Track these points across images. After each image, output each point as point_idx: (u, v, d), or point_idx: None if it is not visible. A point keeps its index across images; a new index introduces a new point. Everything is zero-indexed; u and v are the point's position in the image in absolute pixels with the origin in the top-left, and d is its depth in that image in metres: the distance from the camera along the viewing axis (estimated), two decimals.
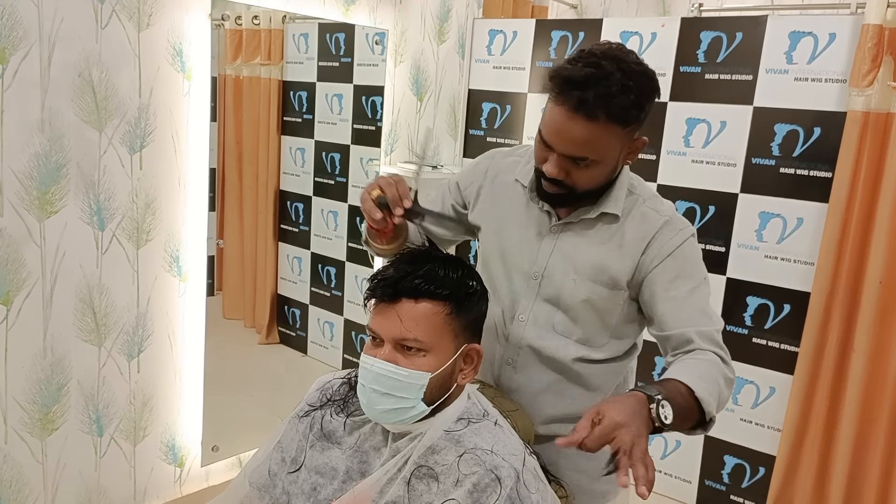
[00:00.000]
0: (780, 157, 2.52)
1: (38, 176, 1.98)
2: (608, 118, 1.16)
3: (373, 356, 1.13)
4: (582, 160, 1.22)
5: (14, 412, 2.05)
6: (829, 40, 2.41)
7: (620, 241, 1.33)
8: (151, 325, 2.31)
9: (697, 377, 1.15)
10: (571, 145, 1.20)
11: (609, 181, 1.31)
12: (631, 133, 1.23)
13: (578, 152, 1.21)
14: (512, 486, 1.07)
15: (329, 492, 1.16)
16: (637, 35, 2.77)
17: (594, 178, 1.26)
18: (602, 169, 1.25)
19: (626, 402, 1.06)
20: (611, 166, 1.26)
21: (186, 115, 2.27)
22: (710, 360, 1.21)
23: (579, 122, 1.17)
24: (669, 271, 1.30)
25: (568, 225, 1.37)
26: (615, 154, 1.25)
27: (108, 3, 2.04)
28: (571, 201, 1.32)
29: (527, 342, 1.40)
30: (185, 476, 2.52)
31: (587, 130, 1.17)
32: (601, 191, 1.32)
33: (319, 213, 3.03)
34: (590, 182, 1.26)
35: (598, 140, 1.19)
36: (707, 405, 1.12)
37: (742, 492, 2.72)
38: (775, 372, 2.59)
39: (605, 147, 1.21)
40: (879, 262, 2.33)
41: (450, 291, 1.14)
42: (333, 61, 2.94)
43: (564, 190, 1.27)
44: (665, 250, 1.30)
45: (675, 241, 1.31)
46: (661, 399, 1.07)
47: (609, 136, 1.19)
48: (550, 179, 1.26)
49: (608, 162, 1.24)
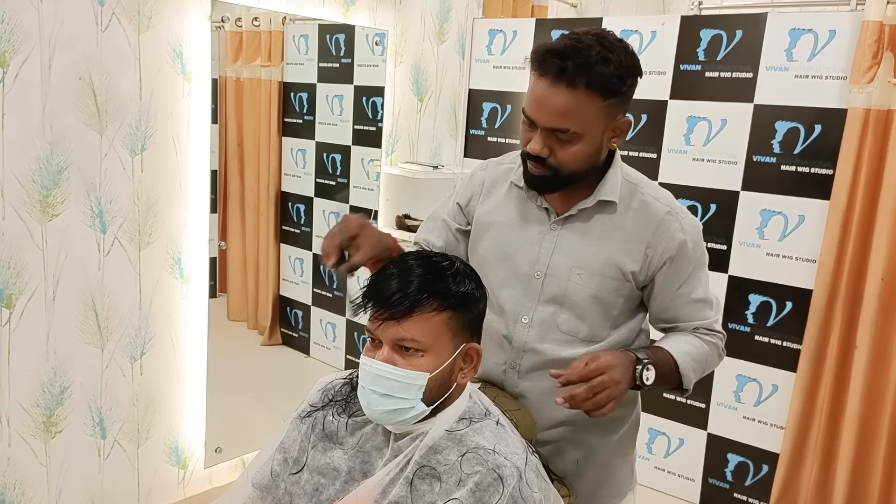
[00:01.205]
0: (781, 155, 2.52)
1: (40, 179, 1.98)
2: (588, 86, 1.18)
3: (371, 357, 1.13)
4: (563, 132, 1.22)
5: (17, 415, 2.05)
6: (829, 37, 2.40)
7: (623, 232, 1.33)
8: (154, 327, 2.31)
9: (688, 355, 1.34)
10: (553, 116, 1.21)
11: (594, 165, 1.31)
12: (613, 109, 1.24)
13: (560, 123, 1.22)
14: (514, 484, 1.07)
15: (331, 492, 1.16)
16: (637, 33, 2.77)
17: (578, 155, 1.25)
18: (585, 145, 1.25)
19: (618, 355, 1.25)
20: (594, 144, 1.26)
21: (187, 117, 2.27)
22: (706, 341, 1.39)
23: (560, 90, 1.19)
24: (677, 270, 1.35)
25: (567, 220, 1.36)
26: (597, 130, 1.25)
27: (108, 6, 2.04)
28: (559, 185, 1.31)
29: (530, 346, 1.39)
30: (188, 478, 2.52)
31: (568, 99, 1.19)
32: (587, 175, 1.31)
33: (321, 214, 3.04)
34: (574, 160, 1.26)
35: (580, 110, 1.20)
36: (687, 381, 1.33)
37: (745, 490, 2.72)
38: (778, 370, 2.59)
39: (586, 119, 1.22)
40: (881, 259, 2.32)
41: (447, 292, 1.14)
42: (334, 62, 2.95)
43: (550, 171, 1.27)
44: (672, 245, 1.32)
45: (680, 237, 1.33)
46: (647, 363, 1.27)
47: (590, 107, 1.21)
48: (535, 159, 1.27)
49: (591, 137, 1.24)
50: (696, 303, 1.38)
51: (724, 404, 2.72)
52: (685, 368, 1.32)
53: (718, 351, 1.40)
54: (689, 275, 1.36)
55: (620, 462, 1.50)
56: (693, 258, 1.35)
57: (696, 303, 1.38)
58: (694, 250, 1.35)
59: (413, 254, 1.21)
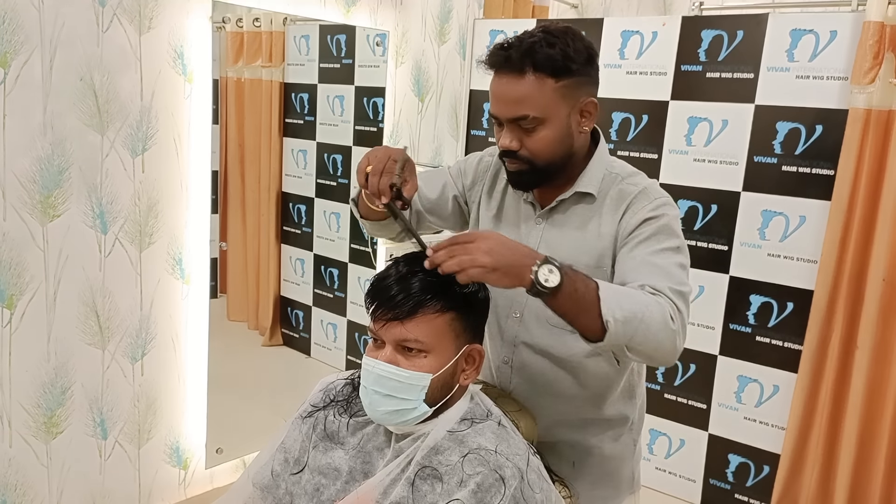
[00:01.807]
0: (782, 155, 2.52)
1: (41, 180, 1.98)
2: (535, 69, 1.21)
3: (374, 358, 1.13)
4: (524, 119, 1.24)
5: (18, 416, 2.05)
6: (830, 38, 2.40)
7: (599, 220, 1.33)
8: (155, 327, 2.31)
9: (615, 290, 1.13)
10: (510, 106, 1.24)
11: (569, 152, 1.31)
12: (570, 90, 1.25)
13: (518, 111, 1.24)
14: (516, 485, 1.07)
15: (332, 492, 1.16)
16: (638, 34, 2.77)
17: (546, 141, 1.26)
18: (551, 130, 1.26)
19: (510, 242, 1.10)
20: (560, 128, 1.27)
21: (188, 117, 2.27)
22: (646, 294, 1.16)
23: (511, 79, 1.23)
24: (638, 236, 1.27)
25: (550, 213, 1.37)
26: (559, 113, 1.25)
27: (109, 7, 2.04)
28: (538, 177, 1.32)
29: (521, 339, 1.40)
30: (189, 478, 2.52)
31: (519, 86, 1.22)
32: (565, 165, 1.32)
33: (322, 215, 3.04)
34: (544, 147, 1.27)
35: (533, 94, 1.22)
36: (608, 311, 1.08)
37: (747, 490, 2.72)
38: (779, 370, 2.59)
39: (542, 102, 1.23)
40: (882, 259, 2.32)
41: (451, 293, 1.14)
42: (335, 63, 2.95)
43: (525, 164, 1.29)
44: (638, 218, 1.28)
45: (648, 208, 1.28)
46: (553, 264, 1.07)
47: (543, 90, 1.22)
48: (508, 155, 1.29)
49: (555, 121, 1.25)
50: (650, 266, 1.22)
51: (725, 405, 2.72)
52: (607, 297, 1.09)
53: (663, 312, 1.13)
54: (649, 238, 1.26)
55: (619, 465, 1.49)
56: (658, 227, 1.26)
57: (650, 266, 1.22)
58: (661, 222, 1.27)
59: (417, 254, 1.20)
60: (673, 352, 1.14)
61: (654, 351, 1.13)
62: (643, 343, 1.11)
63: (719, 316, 2.68)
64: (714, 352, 2.71)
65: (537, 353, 1.40)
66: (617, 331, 1.08)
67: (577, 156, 1.33)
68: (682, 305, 1.17)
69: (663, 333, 1.12)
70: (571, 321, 1.12)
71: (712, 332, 2.70)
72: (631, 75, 2.80)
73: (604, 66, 2.82)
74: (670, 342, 1.13)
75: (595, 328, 1.09)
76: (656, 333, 1.11)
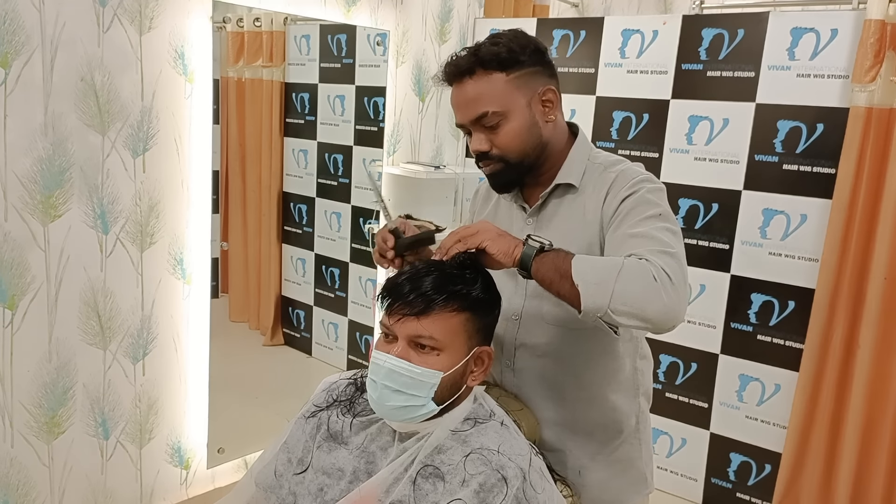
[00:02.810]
0: (783, 154, 2.52)
1: (42, 180, 1.98)
2: (483, 66, 1.27)
3: (386, 352, 1.14)
4: (485, 117, 1.28)
5: (20, 416, 2.05)
6: (831, 36, 2.40)
7: (584, 209, 1.33)
8: (156, 327, 2.31)
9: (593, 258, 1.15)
10: (468, 108, 1.30)
11: (539, 143, 1.32)
12: (523, 80, 1.28)
13: (477, 110, 1.28)
14: (518, 485, 1.07)
15: (336, 492, 1.16)
16: (639, 33, 2.77)
17: (512, 134, 1.29)
18: (515, 122, 1.29)
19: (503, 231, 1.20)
20: (524, 119, 1.30)
21: (189, 117, 2.27)
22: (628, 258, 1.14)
23: (463, 83, 1.30)
24: (619, 215, 1.26)
25: (538, 211, 1.39)
26: (518, 104, 1.29)
27: (110, 7, 2.04)
28: (515, 175, 1.35)
29: (521, 341, 1.41)
30: (191, 478, 2.52)
31: (471, 87, 1.29)
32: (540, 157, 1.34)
33: (323, 215, 3.04)
34: (512, 141, 1.30)
35: (486, 91, 1.28)
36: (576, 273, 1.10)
37: (748, 489, 2.72)
38: (780, 369, 2.59)
39: (496, 96, 1.27)
40: (884, 258, 2.32)
41: (467, 293, 1.14)
42: (335, 62, 2.95)
43: (500, 163, 1.32)
44: (617, 199, 1.27)
45: (625, 187, 1.28)
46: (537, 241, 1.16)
47: (494, 84, 1.27)
48: (482, 158, 1.33)
49: (516, 113, 1.29)
50: (633, 238, 1.20)
51: (726, 404, 2.72)
52: (579, 264, 1.11)
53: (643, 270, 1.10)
54: (630, 213, 1.25)
55: (626, 467, 1.47)
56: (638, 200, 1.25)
57: (633, 238, 1.20)
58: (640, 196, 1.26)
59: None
60: (664, 309, 1.08)
61: (642, 311, 1.08)
62: (628, 304, 1.07)
63: (720, 315, 2.68)
64: (715, 350, 2.71)
65: (538, 356, 1.40)
66: (591, 293, 1.08)
67: (552, 148, 1.35)
68: (668, 261, 1.12)
69: (647, 291, 1.08)
70: (556, 289, 1.14)
71: (714, 331, 2.70)
72: (632, 74, 2.80)
73: (604, 65, 2.86)
74: (657, 299, 1.08)
75: (574, 294, 1.10)
76: (639, 292, 1.08)
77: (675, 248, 1.16)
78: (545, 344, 1.38)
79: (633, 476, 1.48)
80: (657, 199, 1.25)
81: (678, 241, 1.19)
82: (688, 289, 1.16)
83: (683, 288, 1.12)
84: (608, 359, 1.40)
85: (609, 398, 1.42)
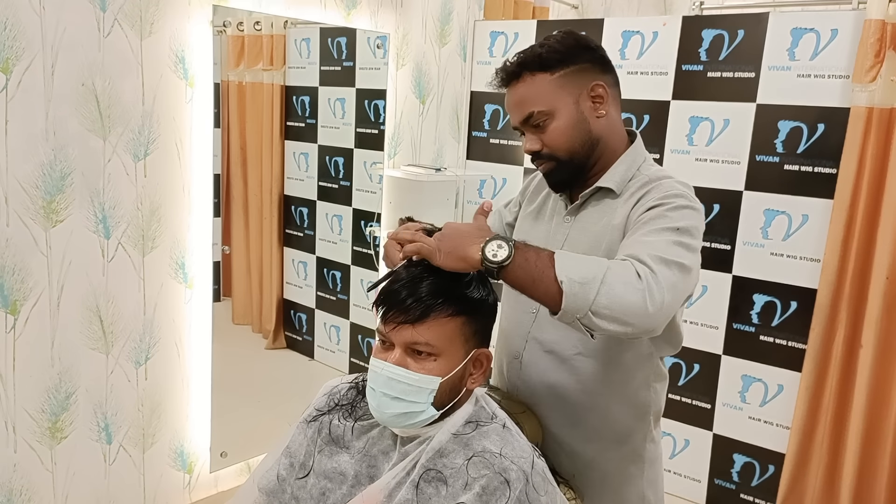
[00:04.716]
0: (784, 154, 2.52)
1: (43, 185, 1.99)
2: (530, 69, 1.31)
3: (383, 360, 1.13)
4: (532, 117, 1.31)
5: (23, 421, 2.05)
6: (831, 36, 2.40)
7: (614, 214, 1.34)
8: (158, 332, 2.32)
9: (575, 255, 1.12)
10: (519, 109, 1.33)
11: (589, 140, 1.33)
12: (570, 78, 1.31)
13: (524, 111, 1.32)
14: (521, 488, 1.07)
15: (338, 496, 1.16)
16: (639, 34, 2.77)
17: (560, 132, 1.32)
18: (563, 120, 1.31)
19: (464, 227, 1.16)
20: (571, 116, 1.31)
21: (190, 121, 2.28)
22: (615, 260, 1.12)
23: (513, 88, 1.34)
24: (640, 221, 1.25)
25: (577, 210, 1.40)
26: (566, 102, 1.31)
27: (111, 12, 2.05)
28: (568, 173, 1.37)
29: (533, 335, 1.41)
30: (194, 482, 2.52)
31: (521, 90, 1.33)
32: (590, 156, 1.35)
33: (324, 218, 3.04)
34: (560, 138, 1.32)
35: (533, 92, 1.31)
36: (560, 269, 1.07)
37: (752, 490, 2.71)
38: (783, 369, 2.59)
39: (543, 96, 1.30)
40: (886, 257, 2.32)
41: (462, 297, 1.14)
42: (335, 65, 2.95)
43: (552, 161, 1.35)
44: (645, 206, 1.26)
45: (656, 198, 1.27)
46: (503, 240, 1.10)
47: (541, 84, 1.31)
48: (535, 157, 1.36)
49: (563, 111, 1.31)
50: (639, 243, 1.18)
51: (729, 405, 2.72)
52: (562, 261, 1.09)
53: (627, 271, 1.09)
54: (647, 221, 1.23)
55: (622, 484, 1.45)
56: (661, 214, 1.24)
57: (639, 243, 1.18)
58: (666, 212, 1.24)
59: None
60: (645, 314, 1.05)
61: (623, 314, 1.05)
62: (609, 306, 1.05)
63: (723, 315, 2.68)
64: (718, 351, 2.71)
65: (545, 351, 1.40)
66: (574, 292, 1.05)
67: (605, 146, 1.35)
68: (658, 266, 1.09)
69: (629, 293, 1.05)
70: (530, 292, 1.11)
71: (716, 332, 2.70)
72: (632, 75, 2.80)
73: None
74: (639, 302, 1.05)
75: (553, 293, 1.07)
76: (621, 295, 1.05)
77: (679, 259, 1.14)
78: (555, 341, 1.39)
79: (629, 495, 1.46)
80: (682, 216, 1.22)
81: (688, 256, 1.17)
82: (676, 299, 1.11)
83: (671, 296, 1.09)
84: (613, 368, 1.39)
85: (611, 408, 1.40)
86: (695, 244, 1.21)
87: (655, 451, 1.48)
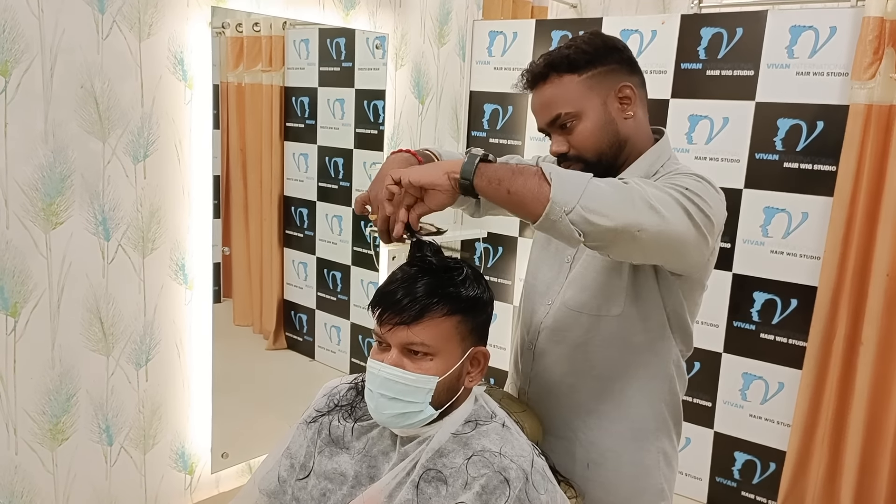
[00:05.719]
0: (783, 152, 2.52)
1: (43, 187, 1.99)
2: (557, 70, 1.29)
3: (380, 361, 1.14)
4: (559, 119, 1.29)
5: (24, 423, 2.05)
6: (829, 34, 2.40)
7: None
8: (159, 333, 2.32)
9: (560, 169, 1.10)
10: (545, 111, 1.31)
11: (616, 141, 1.31)
12: (598, 79, 1.29)
13: (551, 112, 1.30)
14: (521, 487, 1.07)
15: (338, 497, 1.16)
16: (637, 33, 2.77)
17: (587, 133, 1.30)
18: (589, 122, 1.29)
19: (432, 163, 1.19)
20: (598, 117, 1.29)
21: (189, 123, 2.28)
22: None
23: (540, 89, 1.32)
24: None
25: None
26: (592, 103, 1.29)
27: (109, 14, 2.05)
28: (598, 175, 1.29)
29: (546, 325, 1.42)
30: (195, 483, 2.52)
31: (548, 91, 1.30)
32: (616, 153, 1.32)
33: (324, 218, 3.04)
34: (587, 140, 1.30)
35: (560, 93, 1.29)
36: (547, 169, 1.07)
37: (753, 488, 2.71)
38: (784, 367, 2.59)
39: (570, 97, 1.28)
40: (886, 254, 2.32)
41: (457, 296, 1.14)
42: (334, 66, 2.95)
43: (579, 163, 1.32)
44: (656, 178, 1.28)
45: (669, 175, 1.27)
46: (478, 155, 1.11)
47: (568, 86, 1.29)
48: (562, 158, 1.33)
49: (591, 112, 1.29)
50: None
51: (730, 402, 2.72)
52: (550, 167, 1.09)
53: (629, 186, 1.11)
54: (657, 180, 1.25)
55: (639, 474, 1.42)
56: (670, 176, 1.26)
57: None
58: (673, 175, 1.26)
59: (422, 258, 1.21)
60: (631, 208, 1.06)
61: (625, 219, 1.05)
62: (599, 198, 1.06)
63: (723, 313, 2.68)
64: (718, 349, 2.71)
65: (556, 340, 1.41)
66: (563, 181, 1.06)
67: (632, 146, 1.34)
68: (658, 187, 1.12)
69: (618, 190, 1.08)
70: (514, 187, 1.08)
71: (716, 330, 2.70)
72: None
73: None
74: (647, 211, 1.07)
75: (538, 189, 1.06)
76: (609, 193, 1.07)
77: (683, 183, 1.16)
78: (569, 331, 1.39)
79: (646, 485, 1.42)
80: (691, 181, 1.22)
81: (697, 185, 1.18)
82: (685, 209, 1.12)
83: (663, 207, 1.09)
84: (627, 353, 1.37)
85: (626, 395, 1.38)
86: (701, 188, 1.19)
87: (672, 440, 1.45)
